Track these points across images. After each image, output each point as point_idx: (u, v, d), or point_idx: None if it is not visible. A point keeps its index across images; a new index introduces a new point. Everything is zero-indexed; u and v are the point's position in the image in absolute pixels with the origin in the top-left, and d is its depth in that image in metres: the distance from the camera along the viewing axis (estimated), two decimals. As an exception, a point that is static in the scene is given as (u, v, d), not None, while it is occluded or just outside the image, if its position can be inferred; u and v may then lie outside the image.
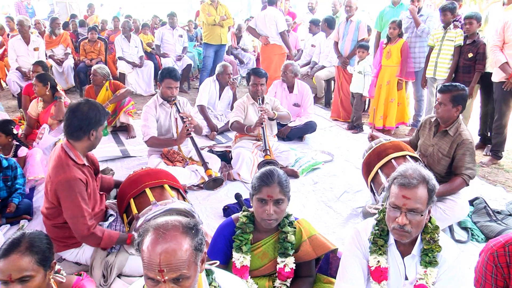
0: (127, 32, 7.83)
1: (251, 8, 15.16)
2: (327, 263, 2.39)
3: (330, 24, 6.84)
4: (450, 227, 3.17)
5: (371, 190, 3.32)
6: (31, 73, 5.32)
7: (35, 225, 3.21)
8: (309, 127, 5.28)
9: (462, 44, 4.77)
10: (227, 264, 2.09)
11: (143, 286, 1.45)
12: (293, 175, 4.18)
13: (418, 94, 5.63)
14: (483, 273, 1.84)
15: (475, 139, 4.84)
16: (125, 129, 5.53)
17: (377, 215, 1.97)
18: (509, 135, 4.76)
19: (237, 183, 4.09)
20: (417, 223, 1.75)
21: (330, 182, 4.15)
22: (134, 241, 2.55)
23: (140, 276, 2.50)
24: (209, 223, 3.31)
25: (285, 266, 2.05)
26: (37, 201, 3.57)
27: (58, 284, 1.89)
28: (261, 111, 4.19)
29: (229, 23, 7.51)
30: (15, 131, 3.84)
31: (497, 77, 4.39)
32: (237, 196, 3.59)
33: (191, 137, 3.84)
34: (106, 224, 2.71)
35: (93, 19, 10.81)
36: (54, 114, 4.41)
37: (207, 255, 1.48)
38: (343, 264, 1.96)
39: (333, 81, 6.95)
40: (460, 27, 4.89)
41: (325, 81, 7.05)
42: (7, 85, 7.46)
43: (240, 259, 2.02)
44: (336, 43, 6.14)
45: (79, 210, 2.40)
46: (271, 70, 6.45)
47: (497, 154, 4.62)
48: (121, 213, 2.84)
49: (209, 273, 1.57)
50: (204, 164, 3.67)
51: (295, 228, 2.10)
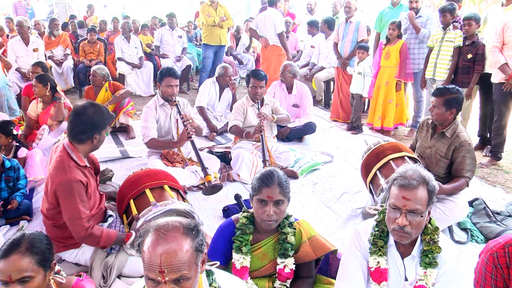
0: (127, 33, 7.83)
1: (250, 9, 15.16)
2: (327, 264, 2.39)
3: (330, 25, 6.83)
4: (449, 228, 3.18)
5: (370, 191, 3.32)
6: (30, 74, 5.31)
7: (35, 226, 3.21)
8: (309, 128, 5.28)
9: (461, 45, 4.78)
10: (227, 265, 2.09)
11: (144, 286, 1.46)
12: (293, 176, 4.18)
13: (417, 95, 5.63)
14: (483, 274, 1.85)
15: (475, 140, 4.86)
16: (125, 130, 5.53)
17: (377, 216, 1.98)
18: (509, 136, 4.76)
19: (237, 184, 4.10)
20: (417, 224, 1.75)
21: (329, 183, 4.15)
22: (132, 240, 2.56)
23: (139, 276, 2.50)
24: (209, 224, 3.31)
25: (285, 267, 2.05)
26: (37, 202, 3.57)
27: (58, 285, 1.89)
28: (260, 118, 4.18)
29: (229, 24, 7.51)
30: (15, 132, 3.84)
31: (497, 78, 4.40)
32: (237, 197, 3.58)
33: (192, 141, 3.82)
34: (105, 225, 2.71)
35: (93, 20, 10.81)
36: (53, 115, 4.41)
37: (207, 256, 1.49)
38: (343, 265, 1.96)
39: (332, 82, 6.96)
40: (459, 28, 4.90)
41: (324, 82, 7.05)
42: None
43: (240, 260, 2.02)
44: (335, 44, 6.14)
45: (77, 212, 2.40)
46: (270, 71, 6.45)
47: (496, 155, 4.62)
48: (121, 213, 2.84)
49: (209, 274, 1.58)
50: (203, 169, 3.64)
51: (295, 229, 2.10)
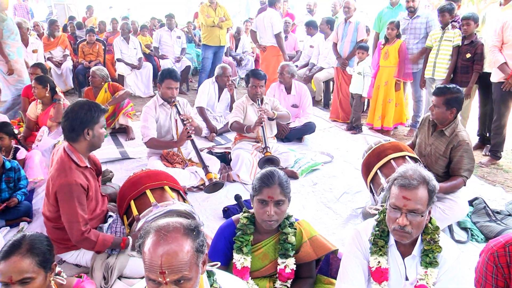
0: (126, 34, 7.83)
1: (249, 9, 15.14)
2: (328, 264, 2.39)
3: (332, 25, 6.77)
4: (449, 227, 3.18)
5: (371, 190, 3.32)
6: (30, 75, 5.31)
7: (35, 227, 3.20)
8: (308, 128, 5.28)
9: (460, 44, 4.79)
10: (227, 265, 2.09)
11: (145, 287, 1.46)
12: (293, 176, 4.17)
13: (417, 94, 5.64)
14: (484, 273, 1.85)
15: (474, 140, 4.86)
16: (124, 131, 5.52)
17: (377, 216, 1.98)
18: (508, 135, 4.76)
19: (237, 184, 4.09)
20: (417, 224, 1.75)
21: (329, 183, 4.15)
22: (128, 245, 2.56)
23: (140, 277, 2.50)
24: (209, 225, 3.31)
25: (285, 267, 2.05)
26: (37, 203, 3.56)
27: (58, 286, 1.89)
28: (261, 111, 4.19)
29: (228, 25, 7.51)
30: (16, 131, 3.86)
31: (496, 77, 4.40)
32: (237, 197, 3.59)
33: (192, 140, 3.83)
34: (106, 225, 2.71)
35: (92, 21, 10.80)
36: (53, 116, 4.41)
37: (208, 257, 1.49)
38: (343, 265, 1.96)
39: (332, 82, 6.96)
40: (458, 27, 4.90)
41: (324, 82, 7.05)
42: (5, 87, 7.44)
43: (240, 260, 2.02)
44: (335, 44, 6.14)
45: (75, 215, 2.41)
46: (269, 71, 6.44)
47: (496, 154, 4.62)
48: (122, 214, 2.84)
49: (210, 274, 1.57)
50: (204, 167, 3.64)
51: (295, 229, 2.10)
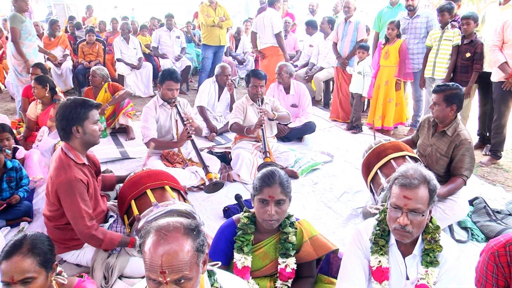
0: (126, 34, 7.84)
1: (249, 9, 15.13)
2: (328, 263, 2.40)
3: (333, 25, 6.73)
4: (450, 227, 3.18)
5: (371, 190, 3.32)
6: (30, 75, 5.31)
7: (35, 227, 3.20)
8: (308, 128, 5.28)
9: (459, 43, 4.79)
10: (228, 265, 2.10)
11: (145, 287, 1.46)
12: (293, 175, 4.17)
13: (417, 94, 5.64)
14: (484, 272, 1.85)
15: (474, 139, 4.86)
16: (124, 130, 5.52)
17: (378, 215, 1.98)
18: (508, 135, 4.76)
19: (237, 184, 4.09)
20: (418, 223, 1.75)
21: (329, 182, 4.15)
22: (136, 244, 2.56)
23: (141, 277, 2.50)
24: (210, 224, 3.31)
25: (286, 266, 2.05)
26: (37, 203, 3.57)
27: (59, 285, 1.89)
28: (261, 113, 4.19)
29: (228, 24, 7.50)
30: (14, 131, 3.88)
31: (496, 77, 4.40)
32: (237, 197, 3.59)
33: (192, 140, 3.83)
34: (106, 225, 2.71)
35: (92, 21, 10.80)
36: (53, 116, 4.40)
37: (208, 256, 1.49)
38: (344, 264, 1.96)
39: (331, 82, 6.95)
40: (458, 27, 4.90)
41: (324, 82, 7.05)
42: (5, 87, 7.45)
43: (241, 259, 2.02)
44: (334, 44, 6.14)
45: (79, 211, 2.41)
46: (270, 71, 6.44)
47: (496, 154, 4.62)
48: (122, 214, 2.84)
49: (211, 274, 1.57)
50: (204, 167, 3.64)
51: (296, 228, 2.11)
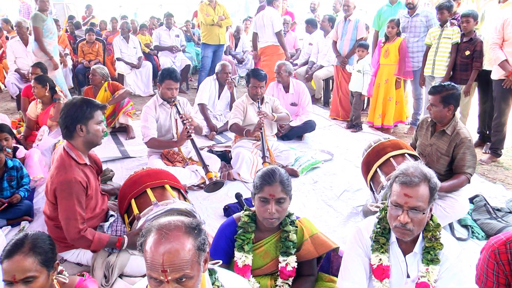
0: (126, 33, 7.83)
1: (248, 8, 15.12)
2: (328, 261, 2.40)
3: (334, 23, 6.67)
4: (450, 224, 3.18)
5: (371, 189, 3.32)
6: (30, 74, 5.31)
7: (36, 227, 3.20)
8: (308, 126, 5.28)
9: (459, 41, 4.78)
10: (229, 263, 2.10)
11: (146, 286, 1.46)
12: (293, 174, 4.17)
13: (416, 92, 5.64)
14: (485, 270, 1.85)
15: (474, 137, 4.86)
16: (125, 130, 5.52)
17: (378, 213, 1.98)
18: (509, 133, 4.76)
19: (237, 182, 4.10)
20: (419, 221, 1.75)
21: (330, 181, 4.15)
22: (123, 244, 2.55)
23: (141, 276, 2.51)
24: (210, 223, 3.31)
25: (287, 265, 2.06)
26: (38, 202, 3.57)
27: (61, 285, 1.89)
28: (260, 115, 4.18)
29: (228, 23, 7.49)
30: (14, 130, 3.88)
31: (497, 75, 4.39)
32: (238, 195, 3.59)
33: (192, 139, 3.83)
34: (107, 224, 2.71)
35: (91, 21, 10.78)
36: (53, 115, 4.41)
37: (209, 255, 1.49)
38: (345, 262, 1.96)
39: (331, 80, 6.95)
40: (457, 24, 4.90)
41: (323, 80, 7.05)
42: (5, 87, 7.44)
43: (242, 258, 2.03)
44: (334, 43, 6.14)
45: (73, 213, 2.41)
46: (270, 70, 6.42)
47: (496, 151, 4.62)
48: (122, 213, 2.84)
49: (212, 272, 1.58)
50: (204, 166, 3.64)
51: (296, 227, 2.11)
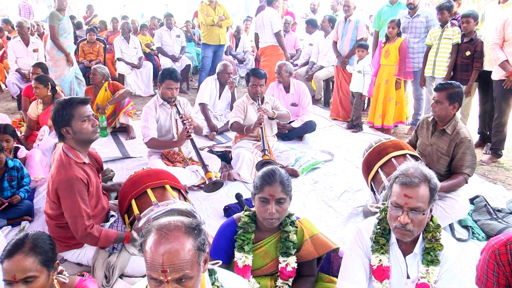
0: (126, 33, 7.84)
1: (248, 8, 15.11)
2: (329, 262, 2.40)
3: (334, 23, 6.68)
4: (450, 225, 3.18)
5: (371, 189, 3.32)
6: (31, 74, 5.32)
7: (36, 227, 3.20)
8: (309, 127, 5.27)
9: (459, 42, 4.79)
10: (229, 263, 2.10)
11: (146, 286, 1.46)
12: (293, 174, 4.18)
13: (417, 93, 5.64)
14: (485, 271, 1.85)
15: (475, 138, 4.86)
16: (125, 130, 5.52)
17: (378, 214, 1.98)
18: (509, 133, 4.76)
19: (237, 183, 4.10)
20: (419, 222, 1.75)
21: (330, 181, 4.15)
22: (132, 240, 2.56)
23: (142, 276, 2.51)
24: (210, 223, 3.31)
25: (287, 265, 2.06)
26: (38, 202, 3.57)
27: (61, 284, 1.89)
28: (260, 111, 4.19)
29: (228, 23, 7.49)
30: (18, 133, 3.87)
31: (497, 75, 4.39)
32: (238, 196, 3.59)
33: (191, 139, 3.84)
34: (107, 225, 2.71)
35: (93, 20, 10.79)
36: (53, 115, 4.41)
37: (209, 255, 1.49)
38: (345, 263, 1.96)
39: (332, 81, 6.94)
40: (457, 25, 4.90)
41: (324, 81, 7.05)
42: (6, 87, 7.45)
43: (242, 258, 2.03)
44: (334, 43, 6.14)
45: (78, 209, 2.42)
46: (270, 70, 6.42)
47: (497, 152, 4.62)
48: (122, 213, 2.84)
49: (211, 273, 1.58)
50: (204, 166, 3.65)
51: (296, 227, 2.11)
